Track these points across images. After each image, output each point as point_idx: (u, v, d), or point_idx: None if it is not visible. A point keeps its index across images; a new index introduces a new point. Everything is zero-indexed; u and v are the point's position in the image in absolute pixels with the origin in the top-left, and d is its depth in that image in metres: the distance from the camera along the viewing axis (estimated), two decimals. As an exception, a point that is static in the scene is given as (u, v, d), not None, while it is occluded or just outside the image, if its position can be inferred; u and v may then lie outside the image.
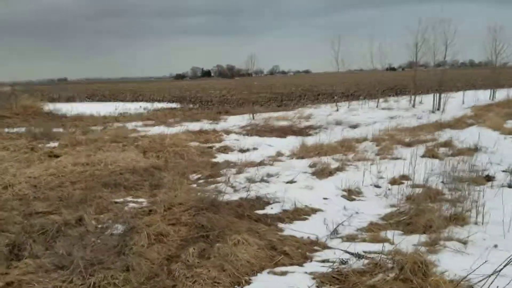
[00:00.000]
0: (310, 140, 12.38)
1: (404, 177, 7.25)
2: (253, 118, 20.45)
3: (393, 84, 43.89)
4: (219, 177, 7.90)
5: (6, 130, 16.25)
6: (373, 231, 4.77)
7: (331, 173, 7.66)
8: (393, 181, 7.09)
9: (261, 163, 9.12)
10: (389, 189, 6.72)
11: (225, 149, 12.11)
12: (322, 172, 7.61)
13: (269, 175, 7.71)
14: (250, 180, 7.42)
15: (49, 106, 26.76)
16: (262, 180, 7.41)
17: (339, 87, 42.12)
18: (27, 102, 23.78)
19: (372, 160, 8.92)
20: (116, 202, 6.37)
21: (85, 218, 5.20)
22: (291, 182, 7.23)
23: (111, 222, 5.22)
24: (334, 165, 8.38)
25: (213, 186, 7.21)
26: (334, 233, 4.72)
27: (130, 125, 18.50)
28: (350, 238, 4.59)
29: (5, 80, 36.77)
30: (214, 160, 10.46)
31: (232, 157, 11.04)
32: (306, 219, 5.49)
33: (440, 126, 14.51)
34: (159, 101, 33.67)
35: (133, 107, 28.51)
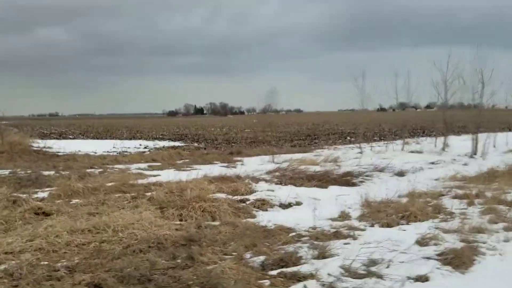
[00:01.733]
0: (369, 193, 9.76)
1: None
2: (273, 161, 17.81)
3: (397, 125, 41.55)
4: (296, 262, 5.13)
5: (-14, 173, 13.40)
6: None
7: (470, 260, 4.94)
8: None
9: (337, 235, 6.38)
10: None
11: (263, 204, 9.35)
12: (459, 260, 4.89)
13: (373, 262, 4.97)
14: (351, 273, 4.68)
15: (39, 143, 23.93)
16: (369, 273, 4.67)
17: (345, 127, 39.99)
18: (15, 138, 20.93)
19: (494, 231, 6.25)
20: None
21: None
22: (423, 279, 4.49)
23: None
24: (450, 242, 5.69)
25: (300, 285, 4.44)
26: None
27: (134, 167, 15.72)
28: None
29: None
30: (259, 222, 7.69)
31: (278, 216, 8.32)
32: None
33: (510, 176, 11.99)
34: (159, 138, 30.97)
35: (132, 145, 25.80)
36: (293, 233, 6.70)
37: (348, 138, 29.89)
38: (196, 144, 26.35)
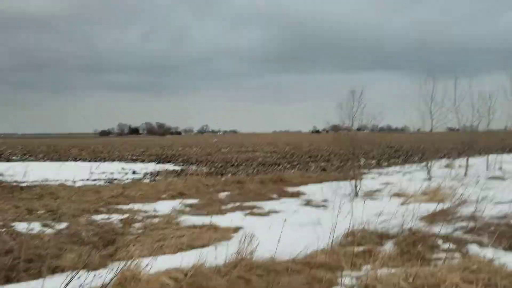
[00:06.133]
0: None
1: None
2: (357, 194, 12.01)
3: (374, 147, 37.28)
4: None
5: None
6: None
7: None
8: None
9: None
10: None
11: None
12: None
13: None
14: None
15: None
16: None
17: (328, 148, 34.91)
18: None
19: None
20: None
21: None
22: None
23: None
24: None
25: None
26: None
27: (167, 210, 9.23)
28: None
29: None
30: None
31: None
32: None
33: None
34: (139, 160, 23.77)
35: (113, 169, 18.66)
36: None
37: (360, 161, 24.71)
38: (195, 168, 19.71)
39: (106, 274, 4.48)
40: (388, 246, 6.01)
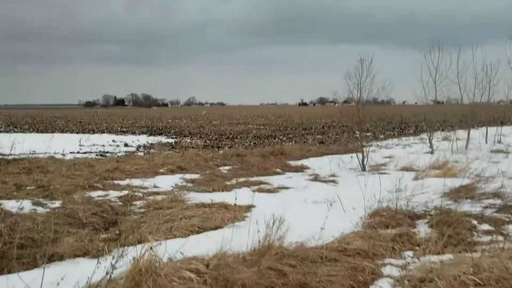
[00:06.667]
0: None
1: None
2: (364, 168, 11.43)
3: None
4: None
5: None
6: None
7: None
8: None
9: None
10: None
11: None
12: None
13: None
14: None
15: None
16: None
17: (322, 120, 34.42)
18: None
19: None
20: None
21: None
22: None
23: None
24: None
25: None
26: None
27: (167, 186, 8.53)
28: None
29: None
30: None
31: None
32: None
33: None
34: (129, 132, 22.78)
35: (103, 141, 17.76)
36: None
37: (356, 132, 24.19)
38: (189, 140, 18.92)
39: (114, 263, 3.77)
40: (423, 228, 5.43)
